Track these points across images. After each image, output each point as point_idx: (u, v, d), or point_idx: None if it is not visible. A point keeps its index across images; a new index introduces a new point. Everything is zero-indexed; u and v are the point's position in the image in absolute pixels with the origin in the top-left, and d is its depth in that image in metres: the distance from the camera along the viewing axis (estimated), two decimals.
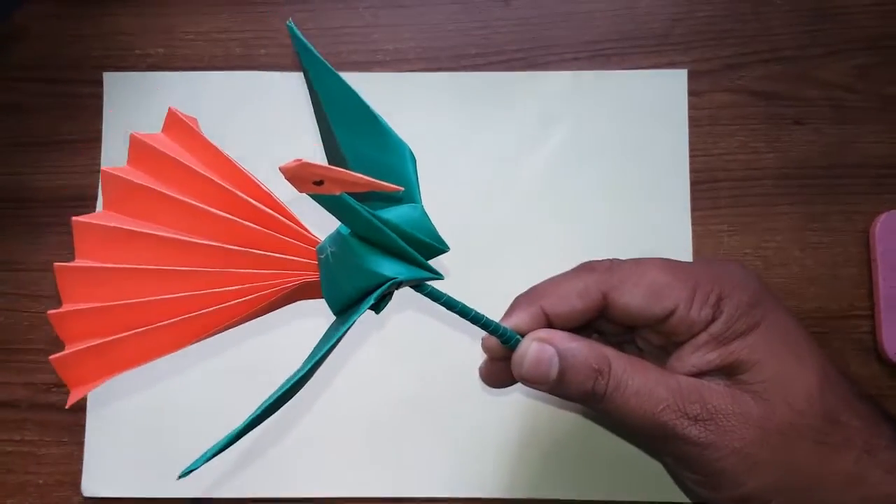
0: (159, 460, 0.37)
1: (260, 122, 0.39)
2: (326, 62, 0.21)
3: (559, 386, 0.25)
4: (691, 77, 0.39)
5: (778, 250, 0.38)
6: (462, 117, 0.39)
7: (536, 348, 0.25)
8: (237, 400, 0.37)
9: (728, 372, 0.25)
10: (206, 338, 0.22)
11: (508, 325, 0.26)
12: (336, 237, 0.22)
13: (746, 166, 0.39)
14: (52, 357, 0.22)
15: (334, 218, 0.22)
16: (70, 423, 0.37)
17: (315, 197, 0.20)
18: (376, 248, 0.21)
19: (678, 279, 0.26)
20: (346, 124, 0.22)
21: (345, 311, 0.22)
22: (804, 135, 0.39)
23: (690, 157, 0.38)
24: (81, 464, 0.37)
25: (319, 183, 0.18)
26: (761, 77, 0.39)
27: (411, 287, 0.23)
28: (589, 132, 0.39)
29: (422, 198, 0.23)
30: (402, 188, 0.20)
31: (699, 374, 0.26)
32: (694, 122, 0.39)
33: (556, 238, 0.38)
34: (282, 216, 0.23)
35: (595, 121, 0.39)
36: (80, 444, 0.37)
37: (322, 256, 0.22)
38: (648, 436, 0.26)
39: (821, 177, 0.38)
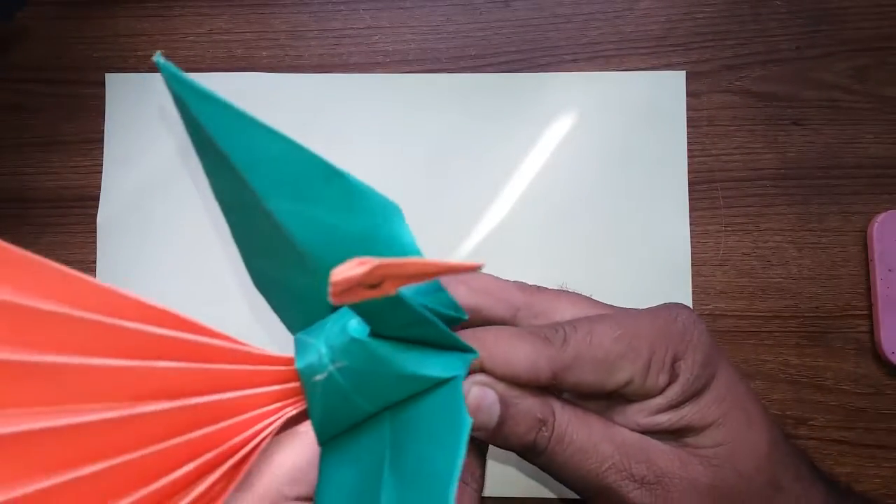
0: None
1: None
2: (235, 106, 0.15)
3: (498, 435, 0.23)
4: (690, 78, 0.39)
5: (776, 250, 0.38)
6: (461, 119, 0.39)
7: (477, 393, 0.22)
8: None
9: (676, 434, 0.24)
10: None
11: None
12: (347, 346, 0.17)
13: (745, 167, 0.39)
14: None
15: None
16: None
17: (354, 305, 0.15)
18: (405, 346, 0.17)
19: (632, 348, 0.23)
20: (283, 188, 0.16)
21: (338, 436, 0.18)
22: (802, 135, 0.39)
23: (689, 157, 0.39)
24: None
25: (376, 286, 0.13)
26: (760, 78, 0.39)
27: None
28: (588, 133, 0.39)
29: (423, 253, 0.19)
30: (483, 264, 0.15)
31: (643, 433, 0.24)
32: (692, 123, 0.39)
33: (555, 239, 0.38)
34: (212, 338, 0.17)
35: (594, 122, 0.39)
36: None
37: (319, 378, 0.17)
38: (589, 494, 0.24)
39: (819, 177, 0.39)
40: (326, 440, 0.18)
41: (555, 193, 0.39)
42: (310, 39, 0.40)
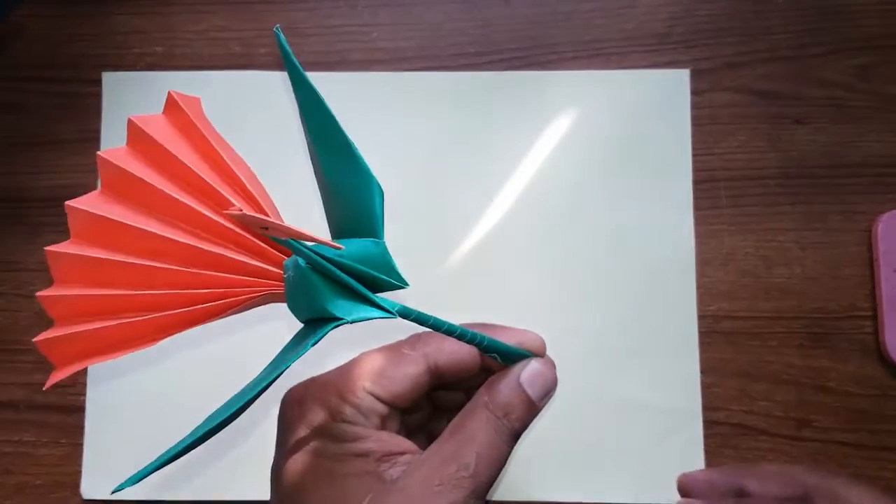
0: None
1: (260, 121, 0.39)
2: (305, 74, 0.21)
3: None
4: (692, 76, 0.39)
5: (779, 250, 0.38)
6: (461, 117, 0.39)
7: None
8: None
9: None
10: (178, 333, 0.23)
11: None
12: (294, 264, 0.22)
13: (747, 166, 0.38)
14: (36, 339, 0.22)
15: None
16: (68, 424, 0.37)
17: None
18: (330, 283, 0.21)
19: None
20: (322, 139, 0.22)
21: (308, 322, 0.23)
22: (805, 134, 0.39)
23: (692, 156, 0.38)
24: (79, 465, 0.37)
25: (265, 228, 0.19)
26: (762, 76, 0.39)
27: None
28: (591, 131, 0.39)
29: (384, 234, 0.23)
30: (343, 248, 0.21)
31: None
32: (695, 122, 0.39)
33: (558, 237, 0.38)
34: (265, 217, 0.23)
35: (597, 120, 0.39)
36: (78, 445, 0.37)
37: (286, 274, 0.22)
38: None
39: (822, 176, 0.38)
40: (304, 321, 0.23)
41: (556, 192, 0.38)
42: (308, 36, 0.40)
